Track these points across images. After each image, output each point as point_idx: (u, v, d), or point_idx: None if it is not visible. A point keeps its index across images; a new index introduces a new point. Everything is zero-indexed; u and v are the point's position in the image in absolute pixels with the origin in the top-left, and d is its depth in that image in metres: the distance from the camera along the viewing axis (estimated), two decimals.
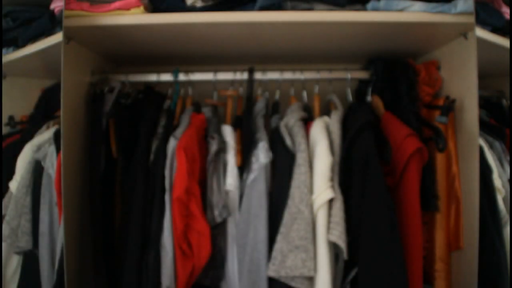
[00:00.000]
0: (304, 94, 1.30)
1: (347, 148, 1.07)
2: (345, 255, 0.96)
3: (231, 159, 1.13)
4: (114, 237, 1.17)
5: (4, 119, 1.40)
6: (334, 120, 1.11)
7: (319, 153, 1.04)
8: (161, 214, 1.06)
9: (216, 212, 1.08)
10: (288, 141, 1.09)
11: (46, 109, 1.37)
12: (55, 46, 1.10)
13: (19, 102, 1.45)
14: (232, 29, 1.11)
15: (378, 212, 0.99)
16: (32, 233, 1.17)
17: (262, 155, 1.07)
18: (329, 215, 0.99)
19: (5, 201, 1.19)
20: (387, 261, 0.97)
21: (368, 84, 1.27)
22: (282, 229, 0.99)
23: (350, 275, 1.02)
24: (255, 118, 1.20)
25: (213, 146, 1.12)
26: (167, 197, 1.07)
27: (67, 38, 1.08)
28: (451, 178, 1.14)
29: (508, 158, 1.23)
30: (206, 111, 1.25)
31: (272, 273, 0.97)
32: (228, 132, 1.17)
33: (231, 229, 1.10)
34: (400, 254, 0.99)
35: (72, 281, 1.05)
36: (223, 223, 1.10)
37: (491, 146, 1.21)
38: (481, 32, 1.08)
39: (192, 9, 1.08)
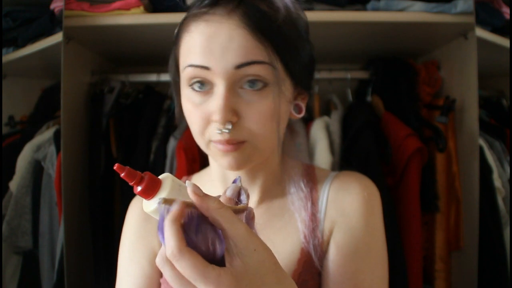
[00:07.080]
0: None
1: (347, 148, 1.07)
2: None
3: None
4: (114, 237, 1.17)
5: (4, 119, 1.39)
6: (334, 120, 1.11)
7: (319, 153, 1.04)
8: None
9: None
10: None
11: (46, 109, 1.37)
12: (55, 46, 1.10)
13: (19, 102, 1.44)
14: None
15: None
16: (32, 233, 1.17)
17: None
18: None
19: (5, 201, 1.19)
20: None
21: (368, 84, 1.27)
22: None
23: None
24: None
25: None
26: None
27: (67, 38, 1.08)
28: (451, 178, 1.14)
29: (508, 158, 1.23)
30: None
31: None
32: None
33: None
34: (399, 254, 0.99)
35: (72, 281, 1.05)
36: None
37: (491, 146, 1.21)
38: (481, 32, 1.08)
39: None
